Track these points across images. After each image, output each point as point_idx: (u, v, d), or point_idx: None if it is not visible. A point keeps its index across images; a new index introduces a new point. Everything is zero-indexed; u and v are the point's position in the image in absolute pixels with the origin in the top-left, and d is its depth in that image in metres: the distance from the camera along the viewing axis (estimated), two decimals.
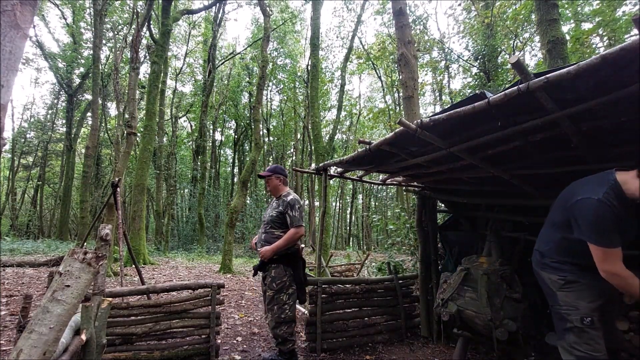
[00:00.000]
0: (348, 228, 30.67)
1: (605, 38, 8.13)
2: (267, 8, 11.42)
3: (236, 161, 25.25)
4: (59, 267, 1.19)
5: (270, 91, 23.57)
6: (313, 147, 12.71)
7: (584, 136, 1.96)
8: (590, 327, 1.76)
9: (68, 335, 1.30)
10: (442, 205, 4.31)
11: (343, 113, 19.90)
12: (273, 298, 2.74)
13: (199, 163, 18.79)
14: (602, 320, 1.85)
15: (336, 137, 19.69)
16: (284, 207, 2.82)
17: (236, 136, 24.69)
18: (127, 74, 13.86)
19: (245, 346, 3.39)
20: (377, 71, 19.80)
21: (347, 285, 3.52)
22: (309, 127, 18.44)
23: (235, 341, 3.53)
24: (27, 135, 22.75)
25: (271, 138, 24.03)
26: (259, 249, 2.86)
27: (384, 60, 17.79)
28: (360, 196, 30.10)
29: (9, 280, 6.17)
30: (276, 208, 2.87)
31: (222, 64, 21.23)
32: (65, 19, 18.34)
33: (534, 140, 2.07)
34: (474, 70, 11.64)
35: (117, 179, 4.51)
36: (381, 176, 4.09)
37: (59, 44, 19.70)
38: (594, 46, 8.41)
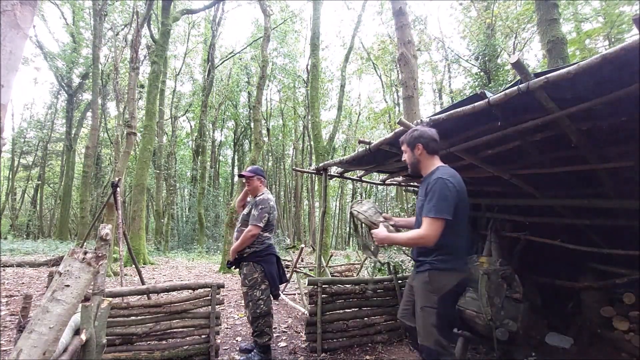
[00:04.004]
0: (348, 228, 30.66)
1: (606, 40, 8.11)
2: (268, 8, 11.41)
3: (236, 161, 25.24)
4: (59, 267, 1.19)
5: (270, 91, 23.59)
6: (313, 147, 12.70)
7: (584, 136, 1.96)
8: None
9: (68, 335, 1.29)
10: None
11: (343, 113, 19.89)
12: (247, 294, 2.88)
13: (198, 163, 18.78)
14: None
15: (336, 137, 19.68)
16: (252, 205, 2.96)
17: (236, 136, 24.69)
18: (127, 74, 13.85)
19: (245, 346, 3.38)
20: (377, 71, 19.80)
21: (347, 285, 3.52)
22: (309, 127, 18.44)
23: (235, 341, 3.53)
24: (27, 135, 22.74)
25: (271, 138, 24.02)
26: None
27: (384, 60, 17.78)
28: (360, 196, 30.09)
29: (9, 280, 6.16)
30: (249, 207, 3.02)
31: (221, 63, 21.22)
32: (65, 19, 18.32)
33: (534, 140, 2.07)
34: (475, 70, 11.63)
35: (117, 179, 4.51)
36: (381, 176, 4.09)
37: (58, 44, 19.69)
38: (597, 46, 8.40)
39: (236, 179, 23.91)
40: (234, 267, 3.04)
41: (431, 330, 1.81)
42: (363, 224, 2.32)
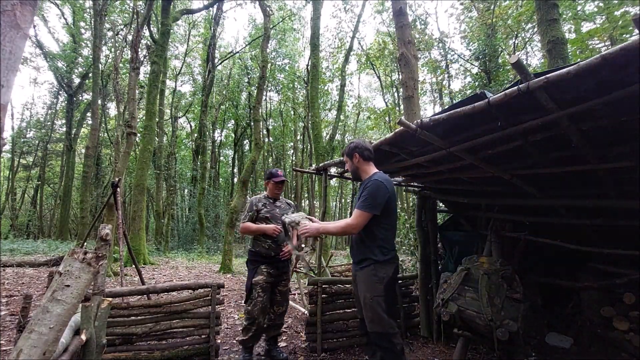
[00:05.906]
0: None
1: (607, 40, 8.10)
2: (268, 8, 11.42)
3: (236, 161, 25.24)
4: (59, 267, 1.19)
5: (270, 91, 23.55)
6: (313, 147, 12.70)
7: (584, 136, 1.96)
8: None
9: (68, 335, 1.30)
10: (442, 205, 4.31)
11: (342, 113, 19.88)
12: (290, 290, 3.18)
13: (198, 163, 18.77)
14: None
15: (336, 137, 19.67)
16: (293, 207, 3.28)
17: (236, 136, 24.68)
18: (127, 74, 13.84)
19: None
20: (376, 71, 19.79)
21: (347, 285, 3.52)
22: (309, 127, 18.44)
23: (235, 341, 3.53)
24: (27, 135, 22.74)
25: (271, 139, 24.00)
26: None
27: (383, 60, 17.78)
28: None
29: (9, 280, 6.16)
30: (289, 208, 3.21)
31: (221, 62, 21.21)
32: (65, 19, 18.32)
33: (534, 141, 2.07)
34: (475, 70, 11.63)
35: (117, 179, 4.51)
36: None
37: (58, 44, 19.68)
38: (598, 46, 8.39)
39: (236, 179, 23.90)
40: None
41: (382, 315, 2.07)
42: (293, 226, 2.45)
